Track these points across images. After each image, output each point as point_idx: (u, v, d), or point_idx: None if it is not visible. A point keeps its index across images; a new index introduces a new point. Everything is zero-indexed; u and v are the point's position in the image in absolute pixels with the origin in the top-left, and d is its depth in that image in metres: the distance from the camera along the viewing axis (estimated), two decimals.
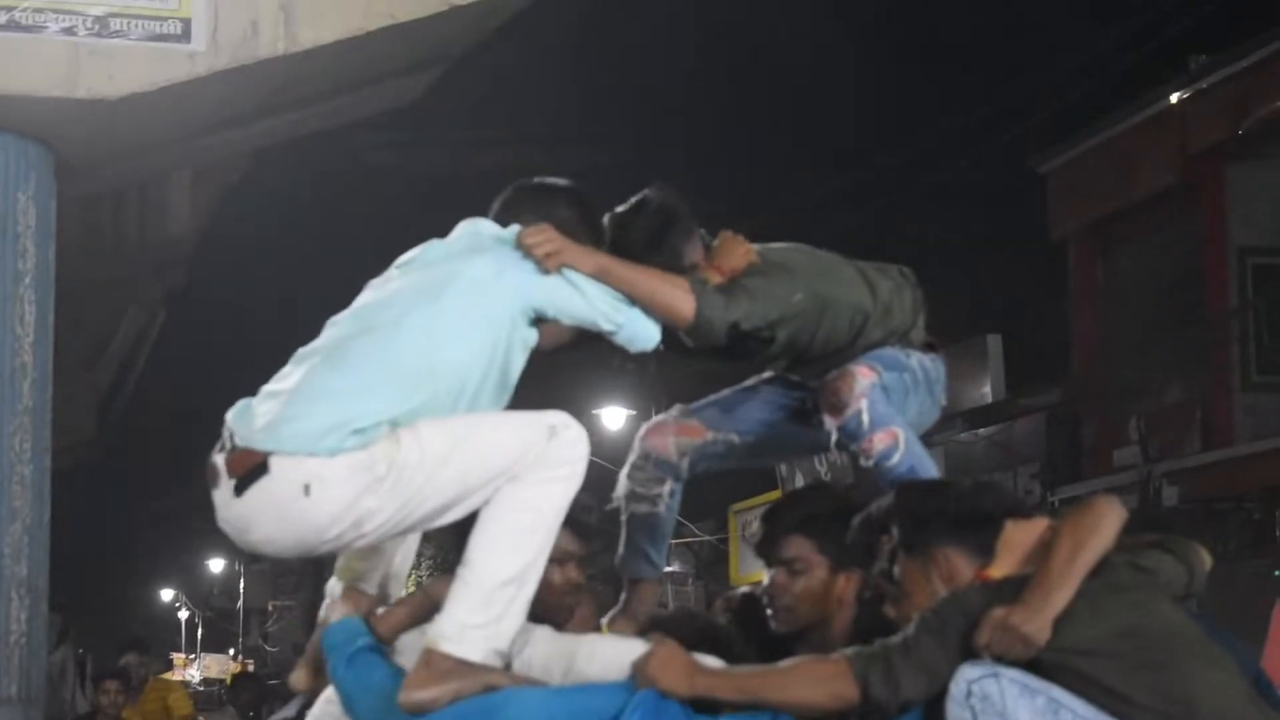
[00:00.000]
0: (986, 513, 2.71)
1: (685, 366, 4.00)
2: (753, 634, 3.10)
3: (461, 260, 2.85)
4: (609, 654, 2.71)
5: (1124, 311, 13.54)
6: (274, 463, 2.58)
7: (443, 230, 3.02)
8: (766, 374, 3.44)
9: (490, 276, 2.79)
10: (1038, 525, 2.72)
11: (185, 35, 7.59)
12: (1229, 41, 13.14)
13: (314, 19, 7.70)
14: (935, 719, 2.48)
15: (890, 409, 3.06)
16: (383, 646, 2.75)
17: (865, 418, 3.03)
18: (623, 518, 3.59)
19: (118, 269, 11.03)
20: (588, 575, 3.20)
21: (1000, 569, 2.60)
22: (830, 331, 3.15)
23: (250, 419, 2.66)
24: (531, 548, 2.63)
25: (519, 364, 2.87)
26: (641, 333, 2.96)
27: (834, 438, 3.18)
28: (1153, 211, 13.36)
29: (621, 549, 3.58)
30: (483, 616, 2.57)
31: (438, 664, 2.54)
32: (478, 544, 2.63)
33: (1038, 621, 2.40)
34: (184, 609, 55.80)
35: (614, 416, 21.09)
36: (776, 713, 2.54)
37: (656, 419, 3.61)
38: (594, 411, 20.45)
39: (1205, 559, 2.79)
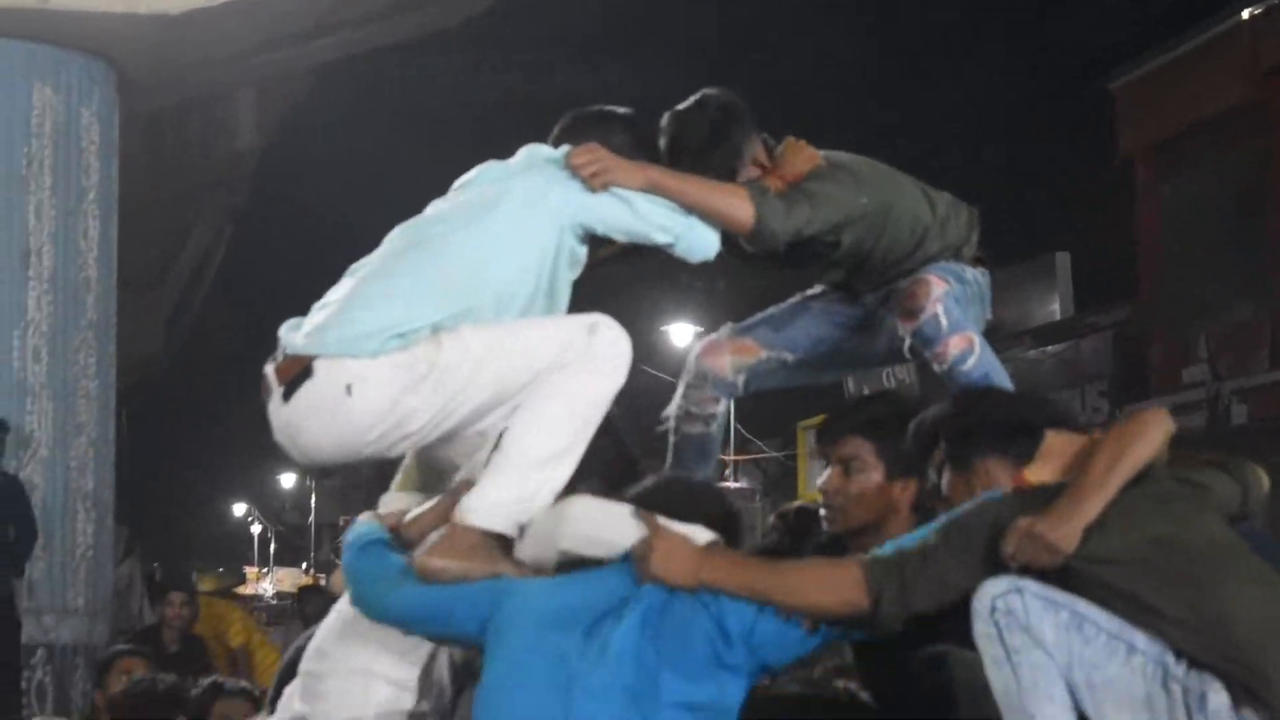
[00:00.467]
0: (1028, 421, 2.67)
1: (751, 279, 3.93)
2: (804, 547, 3.12)
3: (514, 179, 2.91)
4: (596, 516, 2.70)
5: (1192, 229, 13.45)
6: (317, 365, 2.65)
7: (508, 152, 3.04)
8: (816, 289, 3.44)
9: (538, 193, 2.84)
10: (1082, 438, 2.66)
11: None
12: None
13: None
14: (966, 633, 2.45)
15: (964, 315, 3.09)
16: (398, 546, 2.80)
17: (943, 321, 3.04)
18: (673, 439, 3.58)
19: (183, 185, 11.38)
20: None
21: (1037, 475, 2.55)
22: (893, 241, 3.17)
23: (298, 329, 2.74)
24: (567, 433, 2.67)
25: (567, 280, 2.91)
26: (699, 242, 2.98)
27: (908, 343, 3.16)
28: (1222, 129, 13.15)
29: (669, 469, 3.55)
30: (514, 494, 2.62)
31: (460, 538, 2.60)
32: (515, 425, 2.67)
33: (1065, 529, 2.36)
34: (256, 524, 57.59)
35: (681, 333, 21.10)
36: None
37: (710, 338, 3.63)
38: (662, 329, 20.56)
39: (1263, 480, 2.72)
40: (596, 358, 2.67)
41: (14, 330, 7.81)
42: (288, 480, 53.22)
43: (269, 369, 2.74)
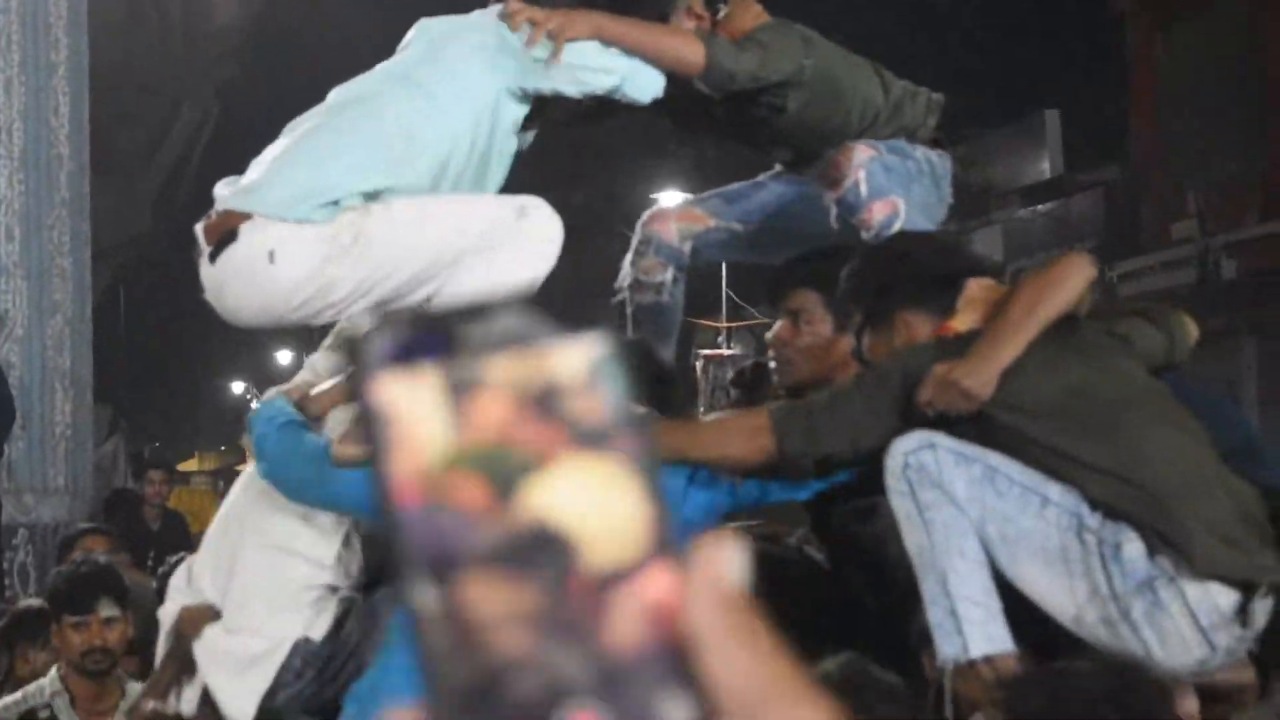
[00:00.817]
0: (946, 270, 2.59)
1: (721, 144, 3.88)
2: (758, 400, 3.12)
3: (450, 39, 2.85)
4: None
5: (1183, 85, 13.10)
6: (242, 229, 2.60)
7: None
8: (774, 170, 3.42)
9: (474, 54, 2.78)
10: (996, 285, 2.61)
11: None
12: None
13: None
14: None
15: (890, 182, 3.02)
16: (308, 422, 2.78)
17: (863, 188, 2.99)
18: (628, 310, 3.55)
19: (166, 65, 11.05)
20: None
21: (961, 323, 2.48)
22: (843, 118, 3.11)
23: (233, 185, 2.69)
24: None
25: (504, 149, 2.87)
26: (646, 83, 2.93)
27: (834, 213, 3.12)
28: None
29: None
30: None
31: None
32: (435, 306, 2.43)
33: (981, 375, 2.31)
34: (255, 400, 57.76)
35: (672, 200, 21.30)
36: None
37: (659, 206, 3.56)
38: (652, 195, 20.56)
39: (1191, 329, 2.70)
40: (522, 240, 2.64)
41: None
42: (284, 357, 53.34)
43: (198, 226, 2.69)
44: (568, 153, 2.41)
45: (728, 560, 0.41)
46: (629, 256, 3.42)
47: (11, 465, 7.56)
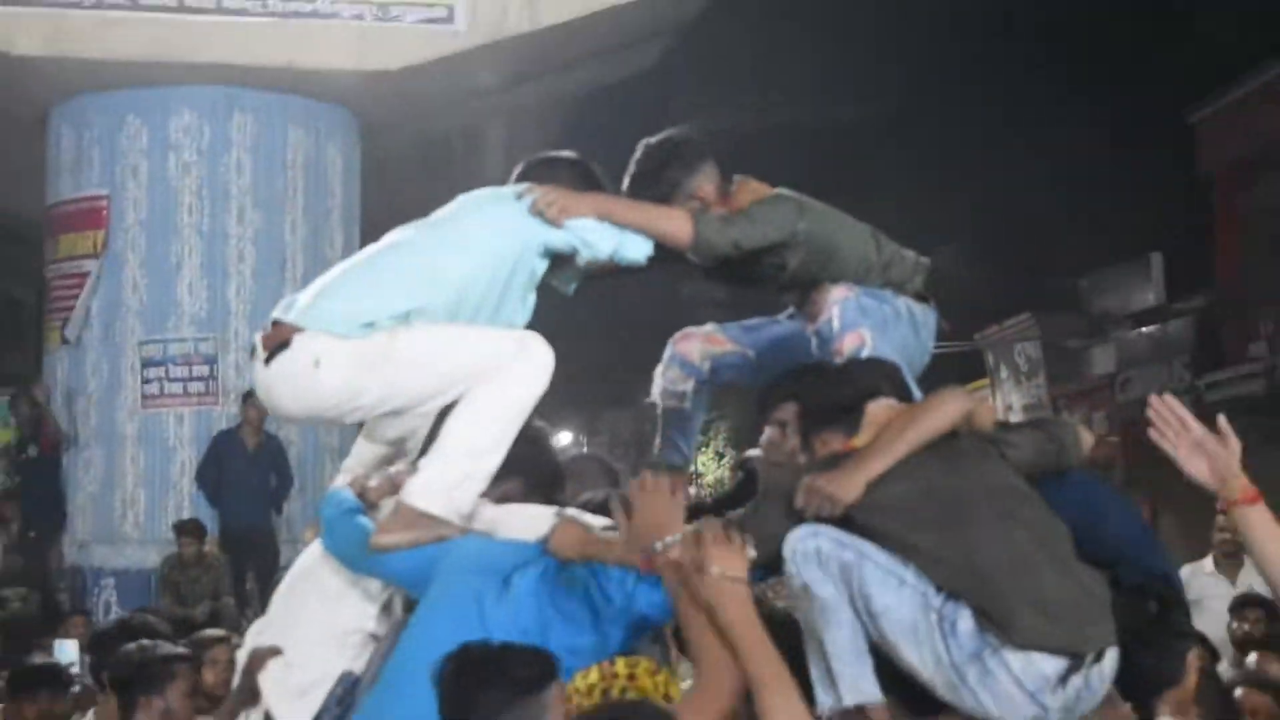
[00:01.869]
0: (845, 400, 2.85)
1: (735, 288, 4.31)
2: (755, 489, 3.33)
3: (480, 203, 3.19)
4: (518, 518, 3.01)
5: (1260, 232, 15.60)
6: (295, 339, 2.89)
7: None
8: (789, 311, 3.66)
9: (501, 216, 3.09)
10: (897, 406, 2.85)
11: (450, 18, 9.67)
12: None
13: (554, 1, 9.62)
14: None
15: (861, 318, 3.23)
16: (364, 508, 3.06)
17: (836, 322, 3.20)
18: (658, 412, 3.85)
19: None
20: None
21: (861, 440, 2.72)
22: (837, 273, 3.31)
23: (290, 305, 3.01)
24: (492, 435, 2.93)
25: (520, 291, 3.14)
26: (633, 250, 3.18)
27: (814, 343, 3.34)
28: None
29: (658, 440, 3.87)
30: (448, 480, 2.90)
31: (405, 515, 2.88)
32: (451, 423, 2.94)
33: (844, 483, 2.54)
34: None
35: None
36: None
37: (689, 329, 3.88)
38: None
39: (1083, 436, 3.01)
40: (520, 370, 2.93)
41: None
42: None
43: (257, 336, 3.03)
44: (552, 291, 2.97)
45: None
46: (659, 368, 3.71)
47: (289, 520, 9.35)
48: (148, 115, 10.06)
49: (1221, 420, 2.41)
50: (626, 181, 3.33)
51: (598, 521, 2.76)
